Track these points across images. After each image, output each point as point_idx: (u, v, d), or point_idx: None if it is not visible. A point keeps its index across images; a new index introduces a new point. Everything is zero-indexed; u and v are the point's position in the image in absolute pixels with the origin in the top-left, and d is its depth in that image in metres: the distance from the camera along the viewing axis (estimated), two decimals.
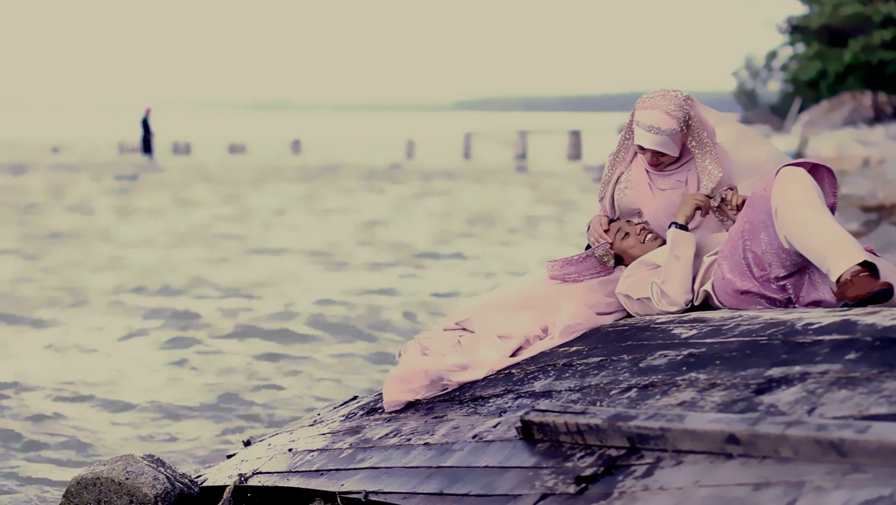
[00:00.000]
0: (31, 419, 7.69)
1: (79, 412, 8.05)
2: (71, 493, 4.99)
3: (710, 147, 5.08)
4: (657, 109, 5.01)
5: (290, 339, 10.50)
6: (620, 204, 5.26)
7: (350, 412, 5.14)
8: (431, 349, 4.97)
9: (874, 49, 45.23)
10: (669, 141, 5.02)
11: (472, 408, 4.61)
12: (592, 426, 3.96)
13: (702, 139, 5.08)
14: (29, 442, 7.15)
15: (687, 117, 5.03)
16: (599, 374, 4.42)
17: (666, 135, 5.00)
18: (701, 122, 5.09)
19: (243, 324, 11.12)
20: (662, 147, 5.03)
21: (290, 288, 13.72)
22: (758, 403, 3.78)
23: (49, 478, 6.35)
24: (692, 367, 4.17)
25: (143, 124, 44.56)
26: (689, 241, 4.85)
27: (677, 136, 5.03)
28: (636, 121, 5.09)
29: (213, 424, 7.64)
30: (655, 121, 5.00)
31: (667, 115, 5.00)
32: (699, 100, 5.18)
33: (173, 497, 4.93)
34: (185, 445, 7.05)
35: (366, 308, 11.95)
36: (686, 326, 4.55)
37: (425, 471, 4.33)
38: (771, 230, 4.56)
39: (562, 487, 3.87)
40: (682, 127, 5.02)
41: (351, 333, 10.70)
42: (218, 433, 7.38)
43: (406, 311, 11.85)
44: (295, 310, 11.91)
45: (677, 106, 5.01)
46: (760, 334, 4.21)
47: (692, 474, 3.60)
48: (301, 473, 4.72)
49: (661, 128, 4.99)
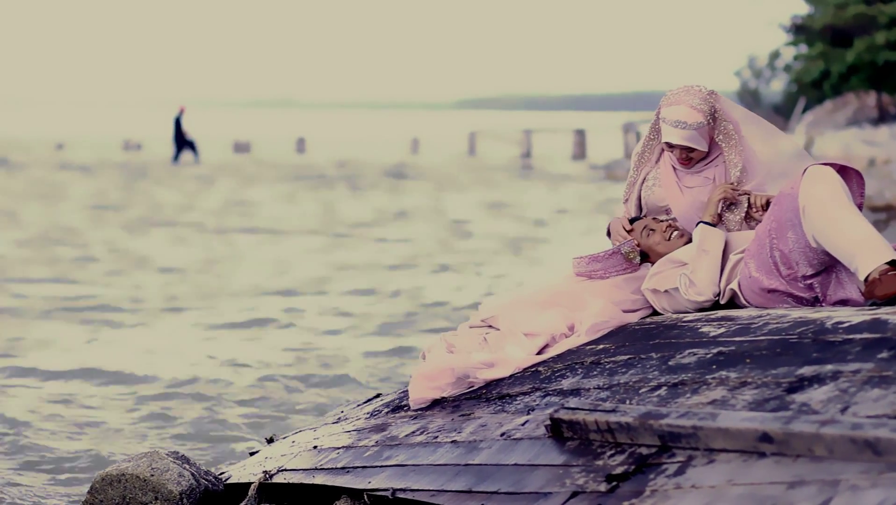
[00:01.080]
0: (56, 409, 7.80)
1: (104, 402, 8.12)
2: (96, 489, 4.99)
3: (736, 140, 5.08)
4: (682, 105, 5.02)
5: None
6: (648, 202, 5.26)
7: (374, 410, 5.14)
8: (457, 347, 4.97)
9: (878, 49, 45.22)
10: (697, 135, 5.03)
11: (499, 406, 4.61)
12: (623, 424, 3.96)
13: (728, 132, 5.08)
14: (53, 433, 7.21)
15: (712, 110, 5.04)
16: (628, 372, 4.42)
17: (693, 129, 5.01)
18: (725, 114, 5.09)
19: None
20: (691, 141, 5.03)
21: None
22: (790, 401, 3.78)
23: (76, 476, 6.36)
24: (722, 365, 4.17)
25: (175, 124, 41.18)
26: (718, 235, 4.87)
27: (704, 130, 5.04)
28: (662, 118, 5.09)
29: (237, 419, 7.65)
30: (681, 116, 5.01)
31: (692, 110, 5.00)
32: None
33: (198, 494, 4.93)
34: (206, 441, 7.05)
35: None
36: (714, 324, 4.55)
37: (453, 468, 4.33)
38: (798, 229, 4.57)
39: (592, 486, 3.88)
40: (708, 120, 5.03)
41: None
42: (243, 429, 7.39)
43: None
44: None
45: (702, 100, 5.02)
46: (790, 333, 4.21)
47: (725, 473, 3.60)
48: (326, 471, 4.72)
49: (688, 122, 5.00)
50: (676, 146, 5.08)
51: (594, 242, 16.15)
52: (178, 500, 4.88)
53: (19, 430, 7.32)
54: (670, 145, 5.10)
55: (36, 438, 7.14)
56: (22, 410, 7.92)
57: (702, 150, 5.09)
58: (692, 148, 5.07)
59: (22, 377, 8.97)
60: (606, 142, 55.95)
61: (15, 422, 7.53)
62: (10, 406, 8.01)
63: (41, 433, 7.29)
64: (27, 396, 8.37)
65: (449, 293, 13.17)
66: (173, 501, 4.88)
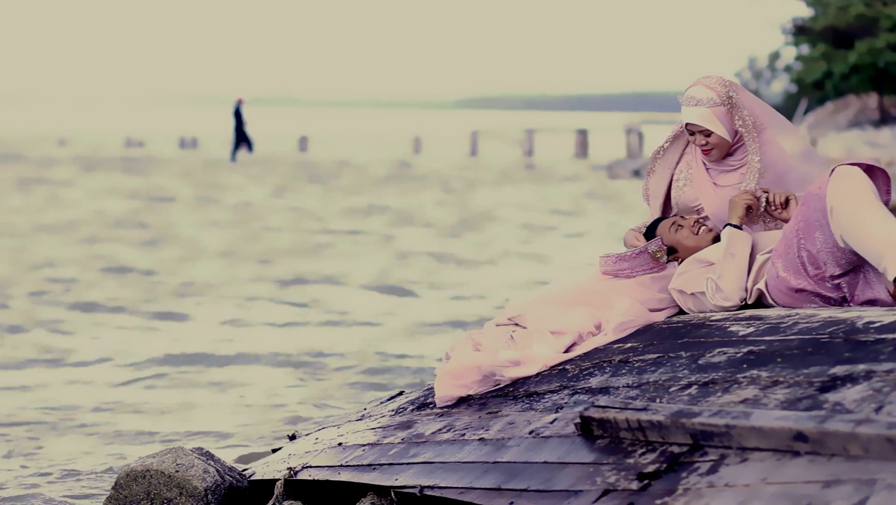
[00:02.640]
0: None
1: (136, 397, 8.15)
2: (120, 485, 4.99)
3: (755, 134, 5.07)
4: (697, 84, 5.08)
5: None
6: (679, 202, 5.25)
7: (399, 407, 5.14)
8: (484, 345, 4.97)
9: (880, 51, 45.26)
10: (710, 114, 5.00)
11: (527, 404, 4.61)
12: (655, 423, 3.96)
13: (747, 122, 5.06)
14: (87, 426, 7.24)
15: (728, 94, 5.03)
16: (657, 370, 4.42)
17: (706, 105, 5.00)
18: (744, 103, 5.07)
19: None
20: (706, 121, 5.00)
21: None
22: (823, 401, 3.79)
23: (95, 470, 6.36)
24: (753, 364, 4.17)
25: (235, 115, 40.59)
26: (745, 239, 4.86)
27: (721, 112, 5.01)
28: (681, 103, 5.10)
29: (257, 416, 7.66)
30: (695, 93, 5.04)
31: (706, 87, 5.04)
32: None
33: (223, 490, 4.93)
34: (226, 439, 7.05)
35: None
36: (742, 323, 4.55)
37: (481, 466, 4.33)
38: (826, 229, 4.57)
39: (624, 484, 3.88)
40: (723, 101, 5.01)
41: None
42: (263, 426, 7.40)
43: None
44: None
45: (717, 81, 5.05)
46: (820, 333, 4.21)
47: (759, 471, 3.61)
48: (352, 468, 4.72)
49: (701, 98, 5.01)
50: (695, 131, 5.07)
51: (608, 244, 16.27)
52: (203, 496, 4.88)
53: (44, 424, 7.37)
54: (691, 133, 5.10)
55: (59, 432, 7.18)
56: (48, 401, 7.98)
57: (720, 136, 5.05)
58: (709, 131, 5.04)
59: (54, 367, 9.05)
60: (608, 142, 55.94)
61: (41, 415, 7.61)
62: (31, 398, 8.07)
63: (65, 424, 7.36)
64: (55, 387, 8.42)
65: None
66: (198, 497, 4.88)
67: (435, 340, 10.22)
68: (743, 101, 5.09)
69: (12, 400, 8.03)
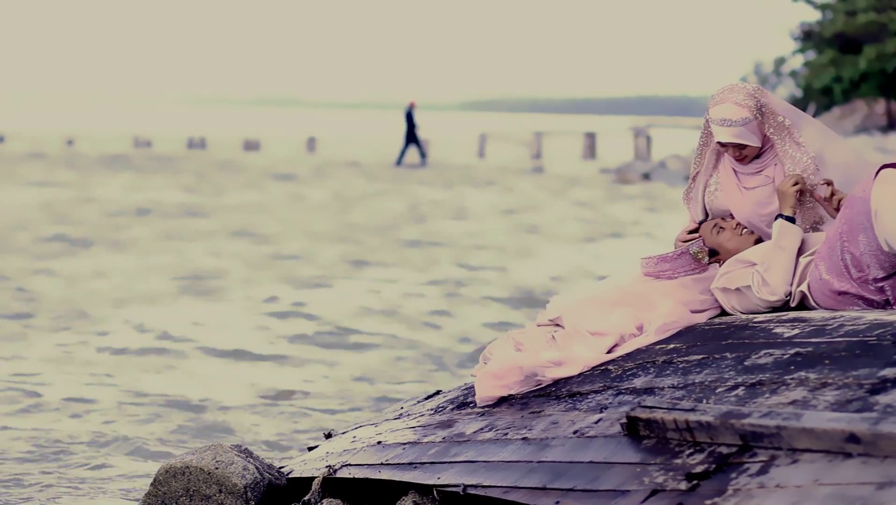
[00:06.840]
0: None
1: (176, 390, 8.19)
2: (159, 481, 5.00)
3: (788, 131, 5.08)
4: (727, 102, 5.04)
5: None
6: (712, 208, 5.27)
7: (438, 406, 5.14)
8: (525, 345, 4.97)
9: (889, 57, 45.26)
10: (745, 131, 5.03)
11: (570, 403, 4.61)
12: (703, 423, 3.96)
13: (778, 124, 5.07)
14: (121, 423, 7.26)
15: (759, 105, 5.04)
16: (702, 371, 4.42)
17: (740, 125, 5.01)
18: (773, 108, 5.09)
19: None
20: (741, 138, 5.04)
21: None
22: (873, 403, 3.79)
23: (134, 470, 6.36)
24: (800, 366, 4.17)
25: (407, 119, 39.88)
26: (796, 233, 4.87)
27: (753, 125, 5.04)
28: (710, 119, 5.10)
29: (285, 414, 7.66)
30: (727, 114, 5.02)
31: (737, 106, 5.02)
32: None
33: (262, 487, 4.94)
34: (258, 435, 7.06)
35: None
36: (787, 325, 4.55)
37: (525, 465, 4.33)
38: (870, 232, 4.57)
39: (672, 484, 3.88)
40: (755, 115, 5.03)
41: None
42: (291, 424, 7.40)
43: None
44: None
45: (747, 95, 5.04)
46: (868, 335, 4.21)
47: (811, 473, 3.61)
48: (393, 466, 4.72)
49: (734, 119, 5.01)
50: (728, 144, 5.09)
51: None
52: (243, 493, 4.89)
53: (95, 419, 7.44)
54: (722, 144, 5.11)
55: (101, 426, 7.23)
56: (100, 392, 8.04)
57: (755, 147, 5.09)
58: (744, 144, 5.07)
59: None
60: (615, 145, 55.91)
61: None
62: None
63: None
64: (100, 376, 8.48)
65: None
66: (238, 495, 4.88)
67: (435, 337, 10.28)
68: (772, 105, 5.10)
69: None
